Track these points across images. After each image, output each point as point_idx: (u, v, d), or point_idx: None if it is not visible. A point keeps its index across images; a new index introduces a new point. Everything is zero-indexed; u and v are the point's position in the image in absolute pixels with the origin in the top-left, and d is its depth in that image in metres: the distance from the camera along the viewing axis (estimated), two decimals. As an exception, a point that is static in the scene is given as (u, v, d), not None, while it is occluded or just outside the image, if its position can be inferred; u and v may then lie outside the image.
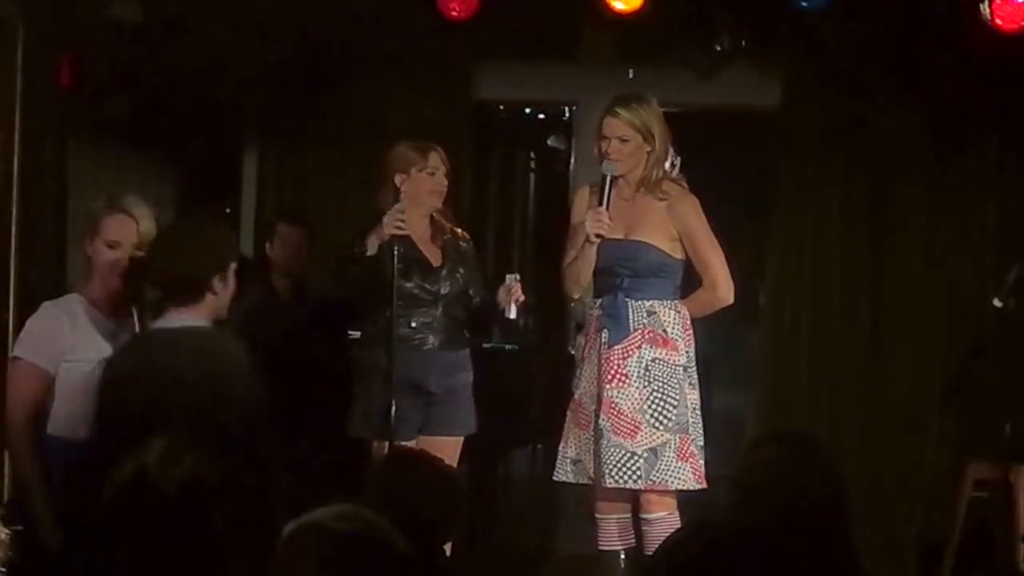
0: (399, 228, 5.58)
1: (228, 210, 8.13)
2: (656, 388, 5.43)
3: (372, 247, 5.60)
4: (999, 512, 6.58)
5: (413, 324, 5.71)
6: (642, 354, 5.45)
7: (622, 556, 5.57)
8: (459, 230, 5.95)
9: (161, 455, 2.99)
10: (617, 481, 5.39)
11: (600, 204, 5.45)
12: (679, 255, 5.54)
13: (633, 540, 5.58)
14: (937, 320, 7.33)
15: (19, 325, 5.51)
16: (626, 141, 5.47)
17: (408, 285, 5.69)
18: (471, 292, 5.86)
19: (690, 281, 5.59)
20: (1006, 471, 6.48)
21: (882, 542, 7.07)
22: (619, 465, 5.39)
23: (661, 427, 5.41)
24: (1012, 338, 6.65)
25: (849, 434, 7.28)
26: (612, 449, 5.39)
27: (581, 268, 5.55)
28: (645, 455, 5.40)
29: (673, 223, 5.52)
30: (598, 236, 5.44)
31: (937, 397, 7.29)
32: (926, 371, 7.35)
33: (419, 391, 5.69)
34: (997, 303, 6.36)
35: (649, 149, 5.49)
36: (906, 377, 7.36)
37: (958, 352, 7.25)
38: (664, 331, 5.47)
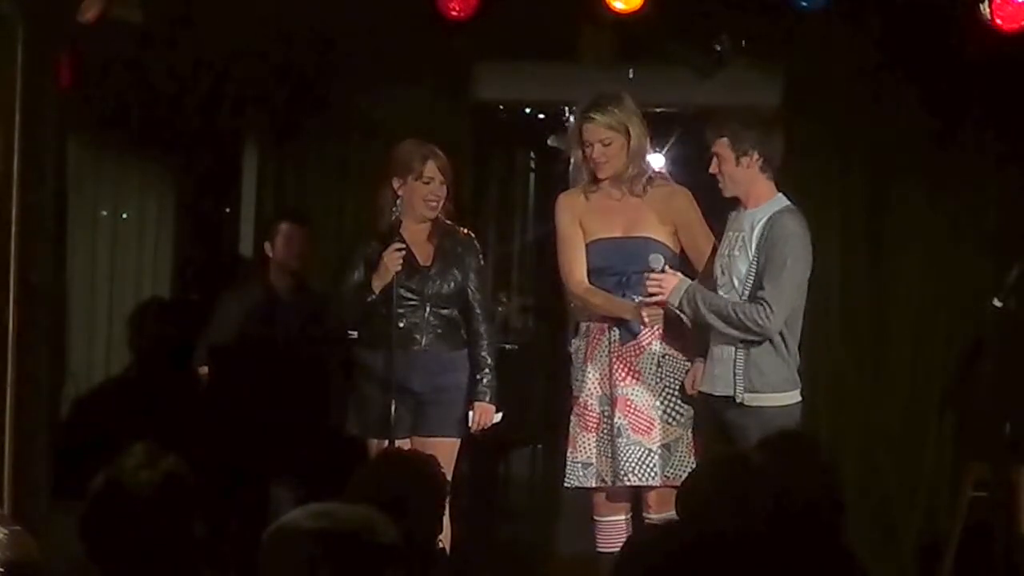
0: (400, 265, 5.60)
1: (228, 210, 8.13)
2: (668, 384, 5.47)
3: (376, 288, 5.65)
4: (999, 512, 6.57)
5: (401, 324, 5.71)
6: (653, 350, 5.47)
7: (621, 558, 5.57)
8: (464, 230, 5.93)
9: (138, 458, 2.99)
10: (638, 479, 5.41)
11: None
12: (677, 248, 5.56)
13: (633, 541, 5.57)
14: (937, 319, 7.32)
15: (19, 325, 5.52)
16: (608, 144, 5.50)
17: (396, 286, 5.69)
18: (470, 293, 5.84)
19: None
20: (1009, 472, 6.47)
21: (882, 542, 7.06)
22: (639, 463, 5.40)
23: (674, 423, 5.45)
24: (1012, 338, 6.64)
25: (849, 434, 7.27)
26: (631, 447, 5.41)
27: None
28: (660, 451, 5.43)
29: (671, 216, 5.54)
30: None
31: (937, 397, 7.28)
32: (926, 371, 7.33)
33: (406, 391, 5.69)
34: (997, 303, 6.34)
35: (630, 145, 5.52)
36: (906, 377, 7.34)
37: (958, 352, 7.24)
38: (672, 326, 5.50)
